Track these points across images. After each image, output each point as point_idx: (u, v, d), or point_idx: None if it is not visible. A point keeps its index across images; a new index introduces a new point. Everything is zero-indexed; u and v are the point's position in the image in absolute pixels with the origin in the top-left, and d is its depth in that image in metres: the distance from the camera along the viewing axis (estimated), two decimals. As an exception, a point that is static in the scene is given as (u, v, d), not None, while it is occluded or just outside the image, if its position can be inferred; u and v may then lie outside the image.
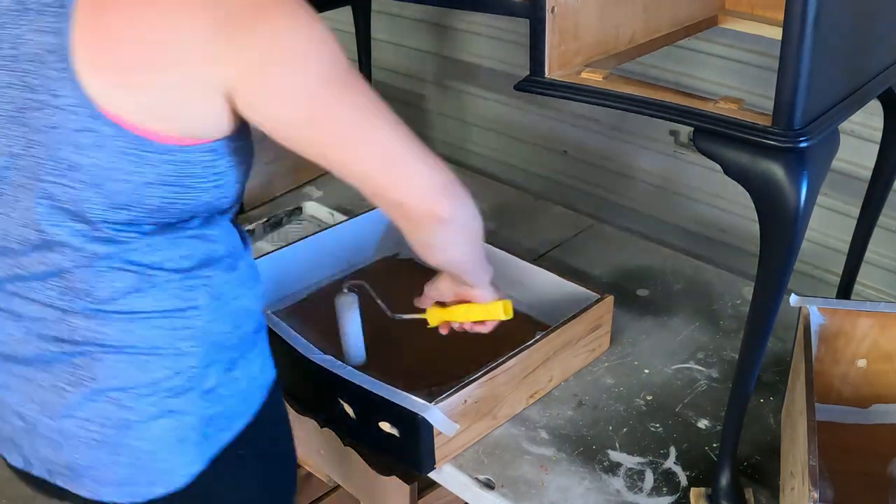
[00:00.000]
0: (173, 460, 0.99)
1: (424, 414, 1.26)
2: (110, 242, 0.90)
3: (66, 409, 0.97)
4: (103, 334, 0.94)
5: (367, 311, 1.66)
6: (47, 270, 0.92)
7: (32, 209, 0.88)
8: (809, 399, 1.11)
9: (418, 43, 2.64)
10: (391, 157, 0.90)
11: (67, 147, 0.84)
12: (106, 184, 0.85)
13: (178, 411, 0.98)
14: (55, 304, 0.94)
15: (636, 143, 2.22)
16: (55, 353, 0.96)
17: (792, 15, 0.90)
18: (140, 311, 0.94)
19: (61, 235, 0.89)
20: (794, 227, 0.99)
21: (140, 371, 0.96)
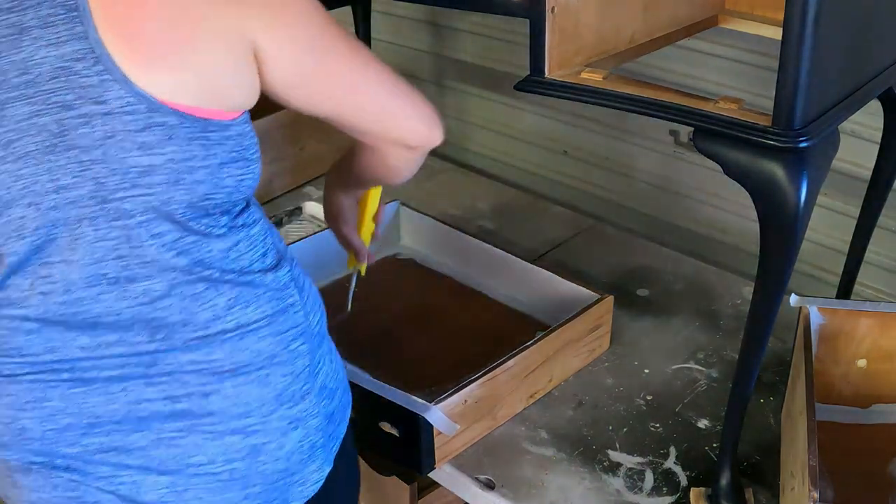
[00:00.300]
0: (306, 469, 0.95)
1: (424, 414, 1.26)
2: (199, 244, 0.85)
3: (178, 462, 0.90)
4: (212, 362, 0.88)
5: (367, 310, 1.66)
6: (133, 309, 0.84)
7: (105, 238, 0.81)
8: (809, 399, 1.11)
9: (418, 43, 2.64)
10: (392, 97, 0.94)
11: (133, 151, 0.79)
12: (186, 176, 0.81)
13: (305, 416, 0.94)
14: (146, 348, 0.86)
15: (636, 143, 2.22)
16: (150, 404, 0.88)
17: (792, 15, 0.90)
18: (246, 324, 0.89)
19: (147, 255, 0.83)
20: (794, 227, 0.99)
21: (262, 388, 0.90)
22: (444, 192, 2.12)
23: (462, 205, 2.06)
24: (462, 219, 1.98)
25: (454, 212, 2.02)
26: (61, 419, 0.87)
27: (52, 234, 0.81)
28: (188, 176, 0.81)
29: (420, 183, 2.16)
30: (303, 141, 2.09)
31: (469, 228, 1.84)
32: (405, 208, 1.83)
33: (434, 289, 1.72)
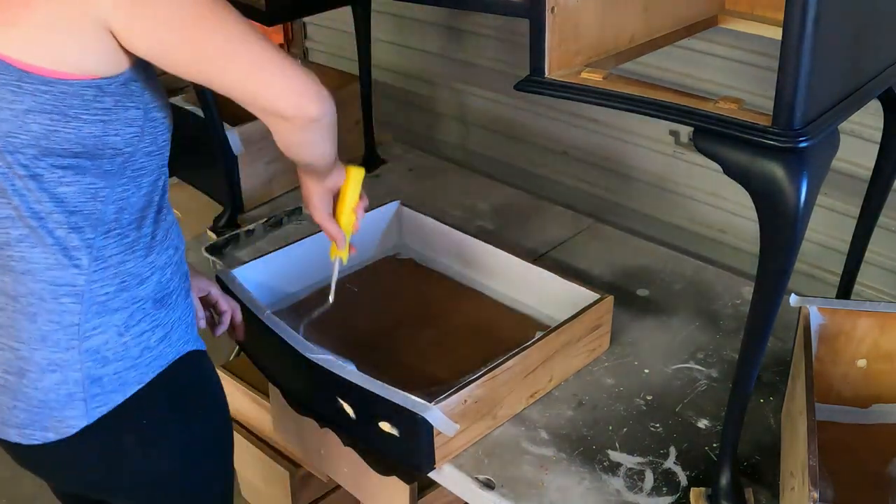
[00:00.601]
0: (63, 412, 1.07)
1: (424, 414, 1.26)
2: (6, 177, 0.98)
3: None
4: (5, 283, 1.05)
5: (368, 311, 1.66)
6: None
7: None
8: (809, 399, 1.11)
9: (419, 43, 2.64)
10: (261, 68, 0.99)
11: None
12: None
13: (64, 366, 1.06)
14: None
15: (636, 143, 2.22)
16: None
17: (792, 15, 0.90)
18: (32, 263, 1.03)
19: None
20: (794, 227, 0.99)
21: (30, 323, 1.05)
22: (444, 192, 2.12)
23: (462, 205, 2.06)
24: (462, 219, 1.98)
25: (454, 212, 2.02)
26: None
27: None
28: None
29: (420, 183, 2.17)
30: (303, 141, 2.08)
31: (469, 228, 1.84)
32: (405, 208, 1.83)
33: (434, 289, 1.72)
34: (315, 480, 1.76)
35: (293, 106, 1.02)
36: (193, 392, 1.19)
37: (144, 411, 1.11)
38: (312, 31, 3.04)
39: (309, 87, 1.03)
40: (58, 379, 1.06)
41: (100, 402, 1.08)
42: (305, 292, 1.71)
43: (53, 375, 1.06)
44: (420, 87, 2.70)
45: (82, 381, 1.06)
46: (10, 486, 2.35)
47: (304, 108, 1.03)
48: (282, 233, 1.96)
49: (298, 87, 1.02)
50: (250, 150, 2.00)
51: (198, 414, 1.19)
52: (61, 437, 1.08)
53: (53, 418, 1.07)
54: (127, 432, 1.11)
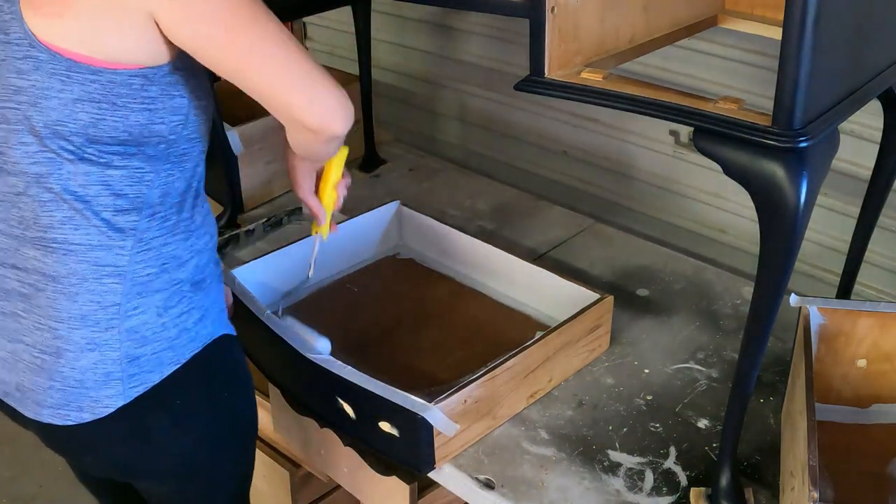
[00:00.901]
0: (99, 392, 1.09)
1: (424, 414, 1.26)
2: (53, 162, 1.01)
3: (17, 335, 1.11)
4: (45, 264, 1.07)
5: (368, 311, 1.66)
6: (5, 195, 1.06)
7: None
8: (809, 399, 1.11)
9: (418, 43, 2.64)
10: (296, 75, 1.01)
11: (13, 74, 0.99)
12: (41, 101, 0.98)
13: (104, 345, 1.08)
14: (13, 231, 1.07)
15: (636, 143, 2.22)
16: (11, 280, 1.09)
17: (792, 15, 0.90)
18: (74, 244, 1.05)
19: (14, 156, 1.02)
20: (794, 227, 0.99)
21: (70, 302, 1.07)
22: (444, 192, 2.12)
23: (462, 205, 2.06)
24: (462, 219, 1.98)
25: (454, 212, 2.02)
26: None
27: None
28: (43, 101, 0.99)
29: (420, 183, 2.17)
30: (303, 141, 2.08)
31: (469, 228, 1.84)
32: (405, 208, 1.83)
33: (434, 289, 1.72)
34: (315, 480, 1.76)
35: (321, 121, 1.03)
36: (225, 374, 1.21)
37: (178, 392, 1.14)
38: (312, 31, 3.04)
39: (340, 104, 1.03)
40: (96, 358, 1.08)
41: (137, 382, 1.10)
42: (305, 292, 1.71)
43: (92, 355, 1.08)
44: (420, 87, 2.70)
45: (120, 361, 1.09)
46: (11, 486, 2.35)
47: (332, 126, 1.04)
48: (282, 233, 1.96)
49: (331, 102, 1.03)
50: (250, 150, 2.00)
51: (228, 397, 1.21)
52: (97, 417, 1.09)
53: (90, 398, 1.09)
54: (160, 413, 1.13)
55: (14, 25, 0.98)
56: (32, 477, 2.37)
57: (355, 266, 1.79)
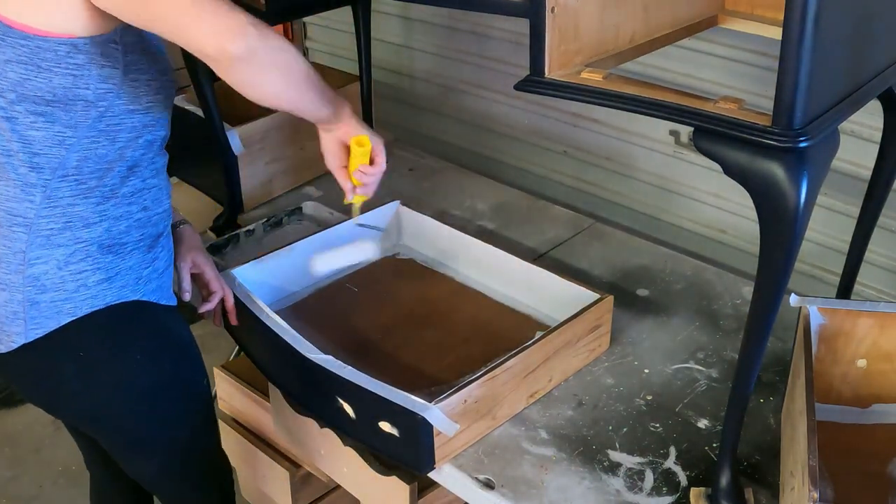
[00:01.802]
0: (9, 327, 1.21)
1: (424, 414, 1.26)
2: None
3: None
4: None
5: (368, 310, 1.66)
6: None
7: None
8: (809, 399, 1.11)
9: (418, 43, 2.64)
10: (189, 10, 1.05)
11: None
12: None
13: (11, 287, 1.20)
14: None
15: (636, 143, 2.22)
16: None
17: (792, 15, 0.90)
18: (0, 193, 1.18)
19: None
20: (794, 227, 0.99)
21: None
22: (444, 192, 2.12)
23: (462, 205, 2.06)
24: (462, 219, 1.98)
25: (454, 212, 2.02)
26: None
27: None
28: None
29: (420, 183, 2.17)
30: (303, 141, 2.09)
31: (469, 228, 1.84)
32: (405, 208, 1.83)
33: (434, 289, 1.72)
34: (315, 480, 1.76)
35: (214, 45, 1.06)
36: (136, 337, 1.27)
37: (81, 344, 1.23)
38: (312, 31, 3.04)
39: (230, 26, 1.05)
40: (6, 297, 1.20)
41: (36, 325, 1.20)
42: (305, 292, 1.71)
43: (3, 294, 1.20)
44: (420, 87, 2.70)
45: (23, 303, 1.20)
46: (11, 486, 2.35)
47: (224, 46, 1.05)
48: (282, 233, 1.96)
49: (220, 26, 1.05)
50: (250, 150, 2.00)
51: (141, 359, 1.28)
52: (7, 351, 1.22)
53: (3, 332, 1.22)
54: (65, 360, 1.23)
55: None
56: (32, 477, 2.37)
57: (355, 266, 1.79)
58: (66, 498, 2.29)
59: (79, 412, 1.32)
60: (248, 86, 1.12)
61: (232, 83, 1.11)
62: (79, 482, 2.29)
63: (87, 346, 1.23)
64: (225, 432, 1.84)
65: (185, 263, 1.47)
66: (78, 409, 1.31)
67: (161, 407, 1.32)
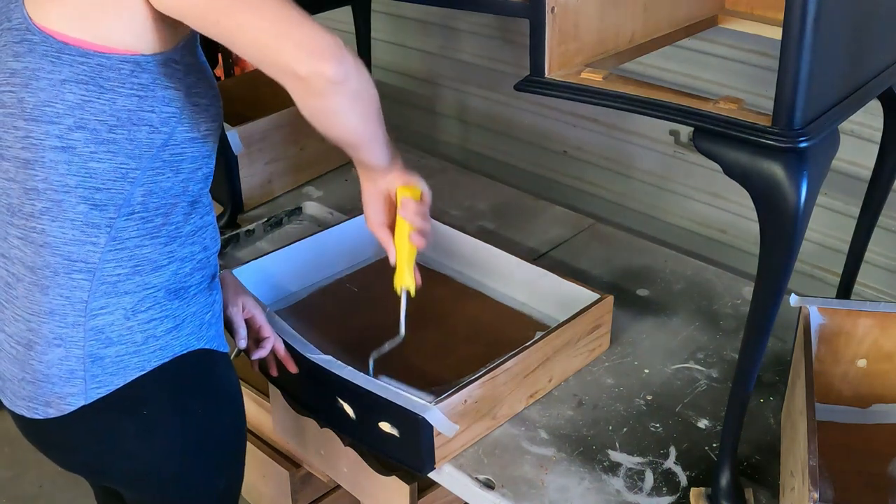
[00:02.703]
0: (63, 388, 1.09)
1: (424, 414, 1.26)
2: (38, 147, 1.02)
3: (1, 324, 1.12)
4: (25, 254, 1.07)
5: (368, 310, 1.66)
6: (0, 181, 1.07)
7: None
8: (809, 399, 1.11)
9: (418, 43, 2.64)
10: (278, 23, 0.97)
11: (10, 57, 1.01)
12: (32, 82, 1.00)
13: (69, 342, 1.08)
14: (3, 218, 1.08)
15: (636, 143, 2.22)
16: (0, 269, 1.11)
17: (792, 15, 0.90)
18: (50, 236, 1.05)
19: (8, 139, 1.03)
20: (794, 227, 0.99)
21: (42, 295, 1.07)
22: (444, 192, 2.12)
23: (462, 205, 2.06)
24: (462, 219, 1.98)
25: (454, 212, 2.02)
26: None
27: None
28: (34, 83, 1.00)
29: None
30: (303, 141, 2.09)
31: (469, 228, 1.84)
32: (405, 208, 1.83)
33: (434, 289, 1.72)
34: (315, 480, 1.76)
35: (307, 64, 0.97)
36: (199, 390, 1.18)
37: (145, 400, 1.12)
38: (312, 31, 3.04)
39: (328, 46, 0.98)
40: (61, 354, 1.08)
41: (99, 384, 1.09)
42: (305, 292, 1.71)
43: (58, 350, 1.08)
44: (420, 87, 2.70)
45: (84, 359, 1.08)
46: (11, 486, 2.35)
47: (320, 68, 0.97)
48: (282, 233, 1.96)
49: (315, 45, 0.97)
50: (250, 150, 2.00)
51: (202, 413, 1.18)
52: (61, 414, 1.10)
53: (55, 394, 1.09)
54: (126, 419, 1.12)
55: (16, 12, 1.00)
56: (32, 477, 2.37)
57: (355, 266, 1.79)
58: (66, 498, 2.29)
59: (129, 473, 1.19)
60: (331, 114, 1.04)
61: (314, 109, 1.03)
62: (79, 482, 2.28)
63: (150, 402, 1.13)
64: (225, 432, 1.85)
65: (237, 308, 1.36)
66: (129, 470, 1.18)
67: (211, 461, 1.23)
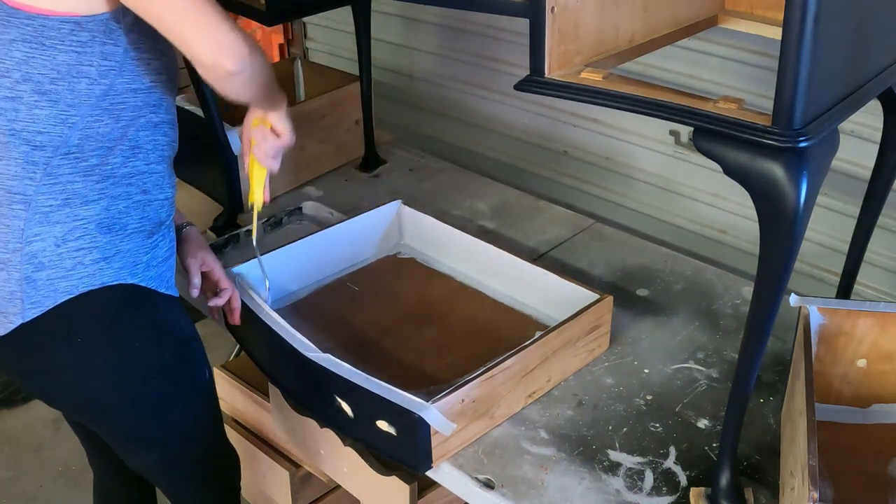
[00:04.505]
0: (7, 307, 1.22)
1: (421, 413, 1.26)
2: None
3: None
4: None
5: (368, 310, 1.66)
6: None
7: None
8: (809, 399, 1.11)
9: (418, 43, 2.64)
10: (193, 18, 1.12)
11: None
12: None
13: (9, 266, 1.21)
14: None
15: (636, 143, 2.22)
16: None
17: (792, 15, 0.90)
18: (1, 172, 1.19)
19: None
20: (794, 227, 0.99)
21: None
22: (444, 192, 2.12)
23: (462, 205, 2.06)
24: (462, 219, 1.98)
25: (454, 212, 2.02)
26: None
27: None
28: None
29: (420, 183, 2.17)
30: (303, 141, 2.09)
31: (469, 228, 1.84)
32: (405, 208, 1.83)
33: (434, 289, 1.72)
34: (315, 480, 1.76)
35: (211, 58, 1.13)
36: (134, 324, 1.27)
37: (77, 325, 1.23)
38: (312, 31, 3.04)
39: (231, 43, 1.13)
40: (4, 277, 1.21)
41: (34, 304, 1.21)
42: (305, 291, 1.71)
43: (2, 273, 1.21)
44: (420, 86, 2.70)
45: (21, 281, 1.20)
46: (11, 486, 2.35)
47: (221, 61, 1.13)
48: (282, 233, 1.96)
49: (221, 41, 1.13)
50: (250, 150, 1.99)
51: (140, 348, 1.27)
52: (6, 332, 1.22)
53: (1, 313, 1.22)
54: (61, 345, 1.23)
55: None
56: (32, 477, 2.37)
57: (356, 265, 1.79)
58: (66, 498, 2.29)
59: (77, 402, 1.32)
60: (230, 91, 1.21)
61: (217, 87, 1.19)
62: (79, 482, 2.29)
63: (83, 329, 1.23)
64: (225, 432, 1.85)
65: (195, 260, 1.48)
66: (76, 399, 1.31)
67: (159, 397, 1.32)
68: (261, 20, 1.79)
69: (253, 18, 1.82)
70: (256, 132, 1.40)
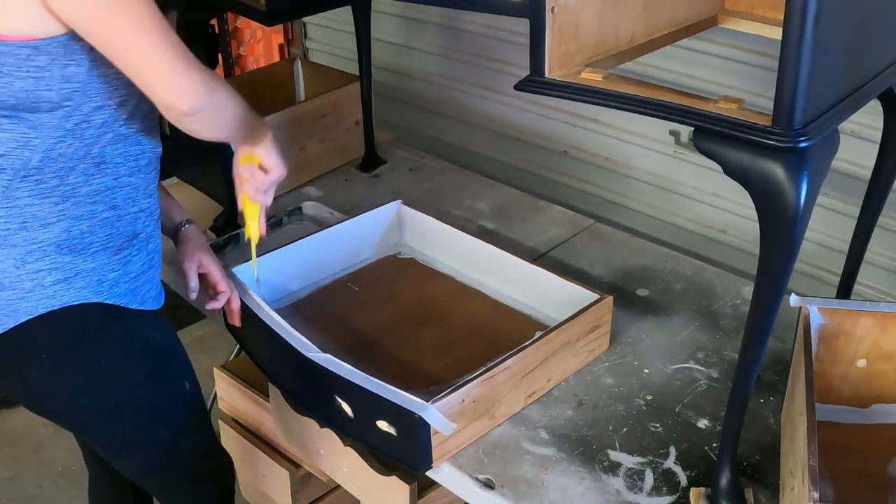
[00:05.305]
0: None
1: (421, 413, 1.26)
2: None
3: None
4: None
5: (368, 310, 1.66)
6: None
7: None
8: (809, 399, 1.11)
9: (418, 43, 2.64)
10: (152, 60, 1.11)
11: None
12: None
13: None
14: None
15: (636, 143, 2.22)
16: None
17: (792, 15, 0.90)
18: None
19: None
20: (794, 227, 0.99)
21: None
22: (444, 192, 2.12)
23: (462, 205, 2.06)
24: (462, 219, 1.98)
25: (454, 212, 2.02)
26: None
27: None
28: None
29: (420, 183, 2.17)
30: (303, 141, 2.09)
31: (469, 228, 1.84)
32: (405, 208, 1.83)
33: (434, 289, 1.72)
34: (315, 480, 1.76)
35: (166, 97, 1.13)
36: (100, 342, 1.26)
37: (39, 344, 1.23)
38: (312, 31, 3.04)
39: (186, 84, 1.12)
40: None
41: None
42: (305, 291, 1.71)
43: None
44: (420, 87, 2.70)
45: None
46: (11, 486, 2.35)
47: (175, 104, 1.13)
48: (282, 233, 1.96)
49: (175, 82, 1.12)
50: (250, 150, 1.99)
51: (109, 365, 1.27)
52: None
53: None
54: (25, 361, 1.23)
55: None
56: (32, 477, 2.37)
57: (356, 265, 1.79)
58: (66, 498, 2.29)
59: (53, 414, 1.33)
60: (192, 132, 1.20)
61: (176, 124, 1.18)
62: (79, 482, 2.29)
63: (45, 349, 1.23)
64: (225, 432, 1.85)
65: (192, 263, 1.46)
66: (52, 410, 1.32)
67: (133, 410, 1.32)
68: (261, 20, 1.79)
69: (253, 18, 1.82)
70: (244, 169, 1.38)
